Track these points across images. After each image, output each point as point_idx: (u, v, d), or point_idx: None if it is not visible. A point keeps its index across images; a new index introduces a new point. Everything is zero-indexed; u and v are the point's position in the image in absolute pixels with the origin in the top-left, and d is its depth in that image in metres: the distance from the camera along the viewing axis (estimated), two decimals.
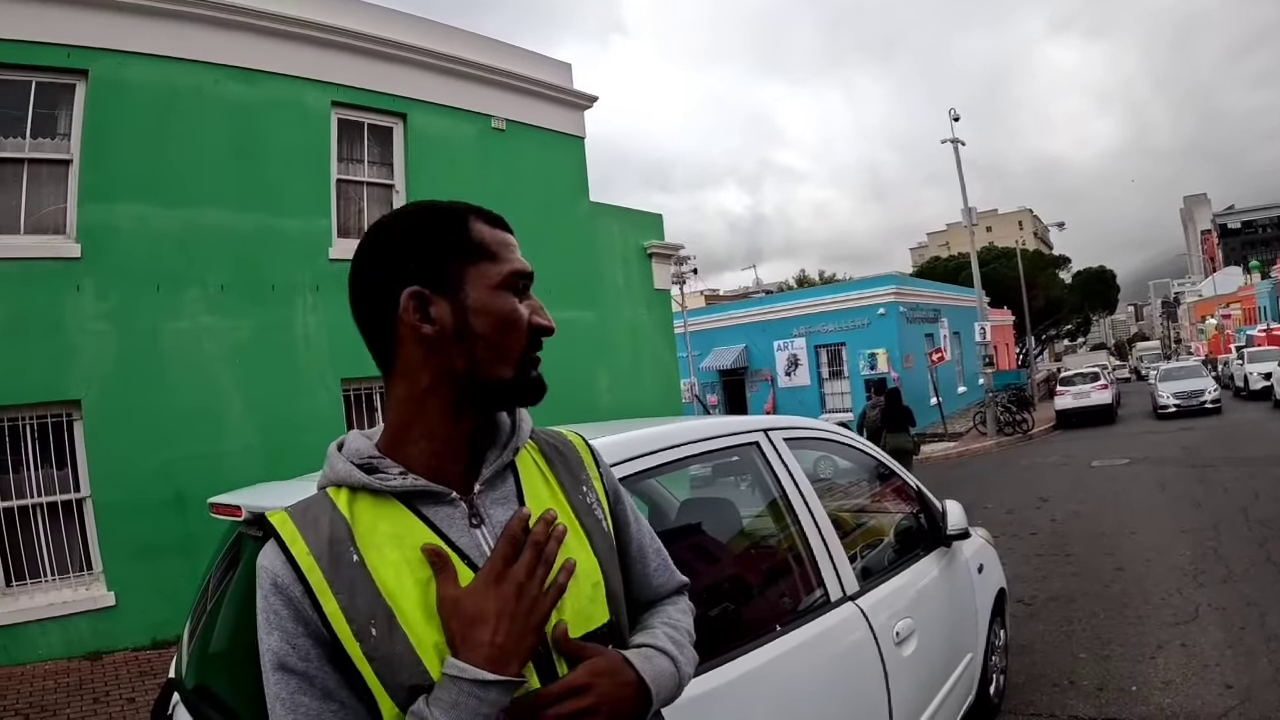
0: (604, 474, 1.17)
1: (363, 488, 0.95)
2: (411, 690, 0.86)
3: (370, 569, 0.90)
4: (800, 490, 2.47)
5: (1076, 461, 13.89)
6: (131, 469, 7.10)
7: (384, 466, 0.97)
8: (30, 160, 7.09)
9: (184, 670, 2.19)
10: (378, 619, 0.88)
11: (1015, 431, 20.22)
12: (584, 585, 0.99)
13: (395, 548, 0.91)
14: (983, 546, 3.88)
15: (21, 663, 6.46)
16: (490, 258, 1.00)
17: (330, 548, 0.91)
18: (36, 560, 6.84)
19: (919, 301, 26.63)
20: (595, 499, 1.11)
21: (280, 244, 8.21)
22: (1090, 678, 4.21)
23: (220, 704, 1.89)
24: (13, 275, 6.80)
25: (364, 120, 9.27)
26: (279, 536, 0.92)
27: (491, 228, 1.03)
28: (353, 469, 0.96)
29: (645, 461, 2.03)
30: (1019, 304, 33.93)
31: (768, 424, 2.60)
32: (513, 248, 1.04)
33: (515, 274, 1.01)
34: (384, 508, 0.94)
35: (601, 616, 1.00)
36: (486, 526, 0.97)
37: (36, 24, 6.95)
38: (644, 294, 12.29)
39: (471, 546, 0.95)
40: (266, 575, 0.90)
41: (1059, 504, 9.72)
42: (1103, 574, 6.26)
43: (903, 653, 2.52)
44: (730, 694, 1.88)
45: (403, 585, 0.89)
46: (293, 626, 0.88)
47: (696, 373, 26.05)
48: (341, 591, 0.88)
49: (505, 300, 0.99)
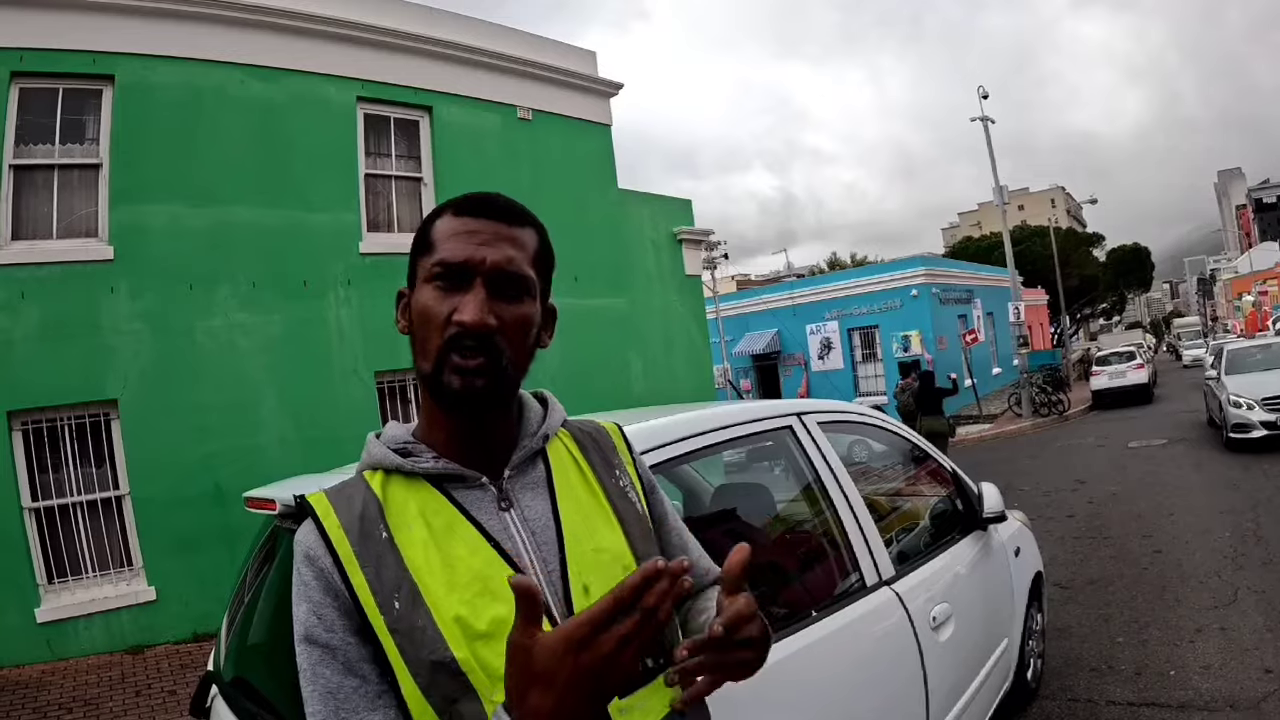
0: (637, 461, 1.17)
1: (396, 470, 0.98)
2: (433, 666, 0.87)
3: (399, 545, 0.92)
4: (834, 474, 2.44)
5: (1113, 442, 13.68)
6: (169, 465, 7.22)
7: (417, 451, 1.00)
8: (61, 166, 7.21)
9: (222, 663, 2.22)
10: (402, 593, 0.90)
11: (1051, 412, 19.93)
12: (614, 569, 0.98)
13: (423, 526, 0.94)
14: (1019, 529, 3.82)
15: (65, 657, 6.61)
16: (428, 250, 0.98)
17: (361, 523, 0.94)
18: (78, 557, 6.99)
19: (951, 282, 26.29)
20: (629, 483, 1.11)
21: (310, 240, 8.27)
22: (1128, 662, 4.16)
23: (257, 695, 1.92)
24: (48, 279, 6.92)
25: (390, 114, 9.30)
26: (314, 513, 0.96)
27: (456, 216, 0.99)
28: (388, 452, 0.99)
29: (679, 447, 2.04)
30: (1053, 283, 33.40)
31: (800, 408, 2.57)
32: (457, 237, 0.96)
33: (437, 264, 0.96)
34: (415, 489, 0.97)
35: None
36: (515, 510, 0.99)
37: (61, 32, 7.05)
38: (675, 280, 12.24)
39: (499, 529, 0.96)
40: (300, 548, 0.94)
41: (1096, 485, 9.59)
42: (1140, 557, 6.17)
43: (939, 638, 2.49)
44: (765, 680, 1.86)
45: (429, 561, 0.91)
46: (320, 597, 0.90)
47: (729, 358, 25.92)
48: (369, 565, 0.91)
49: (424, 293, 0.97)
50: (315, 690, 0.88)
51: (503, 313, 0.95)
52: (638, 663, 0.75)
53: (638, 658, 0.74)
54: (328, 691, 0.88)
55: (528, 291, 0.99)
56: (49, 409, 6.91)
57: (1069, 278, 37.41)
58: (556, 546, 0.97)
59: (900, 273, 24.65)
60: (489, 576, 0.91)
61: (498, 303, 0.95)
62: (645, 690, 0.96)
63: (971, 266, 31.10)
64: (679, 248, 12.37)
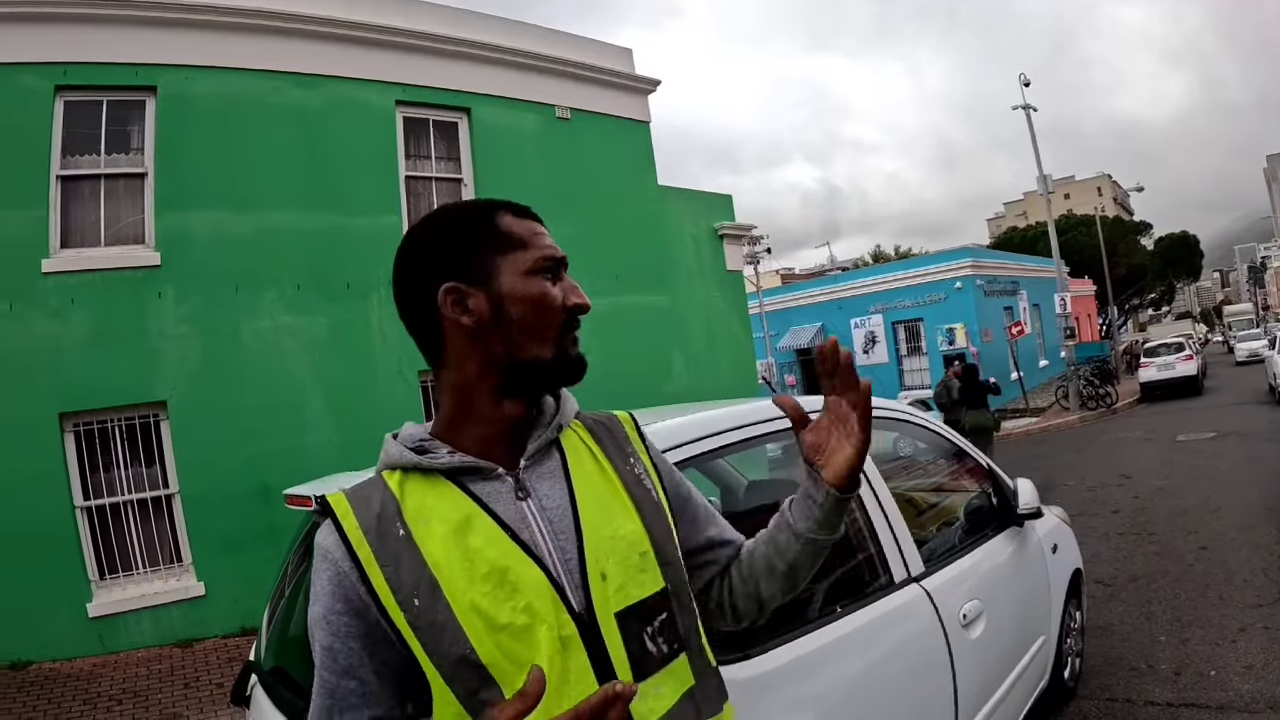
0: (650, 448, 1.19)
1: (413, 468, 1.01)
2: (458, 662, 0.91)
3: (417, 541, 0.95)
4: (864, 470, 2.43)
5: (1160, 436, 13.38)
6: (217, 465, 7.39)
7: (433, 448, 1.03)
8: (107, 176, 7.43)
9: (262, 653, 2.29)
10: (421, 589, 0.92)
11: (1098, 405, 19.52)
12: (631, 555, 1.01)
13: (441, 521, 0.96)
14: (1057, 526, 3.77)
15: (115, 650, 6.82)
16: (520, 246, 1.04)
17: (379, 523, 0.96)
18: (129, 554, 7.20)
19: (997, 274, 25.89)
20: (643, 470, 1.13)
21: (353, 242, 8.37)
22: (1169, 661, 4.08)
23: (295, 684, 1.99)
24: (98, 285, 7.14)
25: (428, 117, 9.40)
26: (334, 515, 0.99)
27: (520, 218, 1.07)
28: (404, 451, 1.02)
29: (712, 442, 2.07)
30: (1100, 273, 32.69)
31: None
32: (542, 235, 1.07)
33: (545, 259, 1.04)
34: (433, 485, 0.99)
35: (654, 584, 1.02)
36: (532, 499, 1.01)
37: (104, 46, 7.27)
38: (716, 276, 12.21)
39: (516, 518, 0.98)
40: (320, 549, 0.98)
41: (1142, 480, 9.39)
42: (1185, 553, 6.03)
43: (969, 635, 2.48)
44: (789, 675, 1.88)
45: (448, 555, 0.94)
46: (329, 602, 0.95)
47: (774, 353, 25.78)
48: (388, 564, 0.94)
49: (537, 284, 1.03)
50: (319, 685, 0.96)
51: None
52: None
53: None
54: (327, 689, 0.95)
55: None
56: (99, 411, 7.12)
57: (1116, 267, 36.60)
58: (574, 534, 0.99)
59: (944, 265, 24.37)
60: (507, 567, 0.94)
61: None
62: (659, 675, 0.98)
63: (1017, 257, 30.58)
64: (720, 243, 12.35)
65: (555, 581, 0.95)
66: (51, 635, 6.62)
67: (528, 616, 0.92)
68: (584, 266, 10.32)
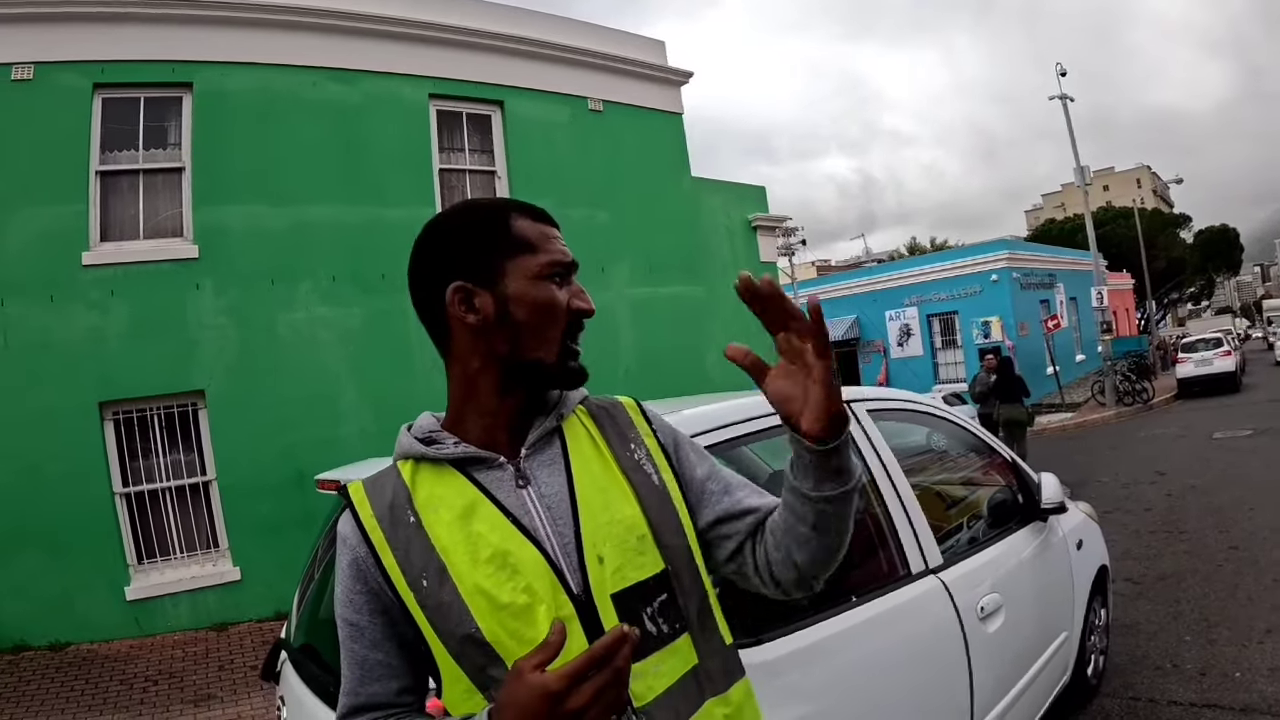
0: (656, 429, 1.20)
1: (423, 458, 1.06)
2: (463, 640, 0.97)
3: (426, 528, 1.01)
4: (882, 461, 2.45)
5: (1196, 433, 13.15)
6: (254, 453, 7.55)
7: (441, 439, 1.08)
8: (145, 171, 7.61)
9: (293, 632, 2.37)
10: (429, 572, 0.99)
11: (1135, 401, 19.19)
12: (628, 538, 1.04)
13: (448, 508, 1.02)
14: (1083, 522, 3.74)
15: (152, 633, 7.00)
16: (529, 250, 1.07)
17: (391, 511, 1.03)
18: (166, 539, 7.39)
19: (1033, 266, 25.44)
20: (645, 454, 1.15)
21: (387, 235, 8.40)
22: (1194, 661, 4.03)
23: (323, 661, 2.07)
24: (137, 278, 7.32)
25: (462, 110, 9.48)
26: (352, 503, 1.06)
27: (534, 222, 1.09)
28: (414, 442, 1.08)
29: (729, 432, 2.11)
30: (1138, 266, 32.07)
31: (849, 395, 2.58)
32: (553, 239, 1.10)
33: (552, 264, 1.07)
34: (441, 474, 1.05)
35: (653, 566, 1.05)
36: (533, 486, 1.05)
37: (141, 44, 7.45)
38: (750, 267, 11.87)
39: (517, 505, 1.03)
40: (340, 536, 1.05)
41: (1176, 478, 9.25)
42: (1216, 553, 5.95)
43: (987, 629, 2.49)
44: (799, 662, 1.90)
45: (454, 540, 1.00)
46: (350, 583, 1.03)
47: None
48: (399, 548, 1.01)
49: (543, 289, 1.06)
50: (347, 659, 1.04)
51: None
52: (608, 713, 0.83)
53: (607, 710, 0.83)
54: (356, 661, 1.03)
55: None
56: (139, 400, 7.31)
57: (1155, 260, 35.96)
58: (571, 519, 1.03)
59: (980, 257, 24.05)
60: (508, 550, 0.99)
61: None
62: (661, 653, 1.02)
63: (1054, 250, 30.04)
64: (753, 234, 12.33)
65: (553, 564, 1.00)
66: (90, 618, 6.82)
67: (528, 596, 0.97)
68: (618, 258, 10.52)
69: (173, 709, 5.28)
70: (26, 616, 6.63)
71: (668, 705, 1.01)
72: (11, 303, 6.89)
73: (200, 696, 5.49)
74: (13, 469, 6.75)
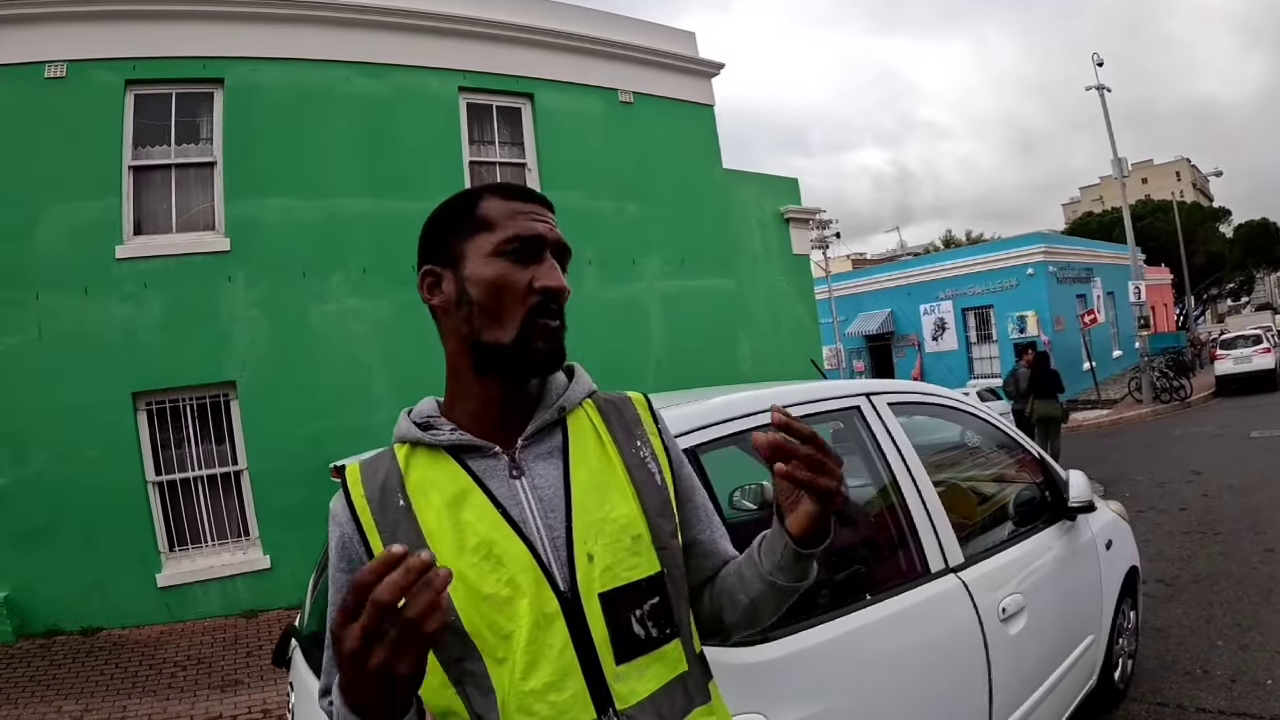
0: (663, 432, 1.17)
1: (418, 442, 1.06)
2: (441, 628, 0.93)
3: (415, 511, 1.00)
4: (902, 456, 2.41)
5: (1234, 431, 12.84)
6: (285, 442, 7.64)
7: (438, 424, 1.07)
8: (177, 165, 7.72)
9: (305, 620, 2.39)
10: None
11: (1173, 399, 18.80)
12: (622, 538, 1.01)
13: (439, 493, 1.01)
14: (1113, 521, 3.65)
15: (182, 620, 7.13)
16: (488, 228, 1.04)
17: (382, 493, 1.02)
18: (198, 527, 7.52)
19: (1070, 260, 25.11)
20: (650, 453, 1.12)
21: (418, 227, 8.23)
22: (1225, 667, 3.92)
23: None
24: (170, 271, 7.43)
25: (492, 103, 9.50)
26: (345, 482, 1.06)
27: (504, 200, 1.07)
28: (411, 427, 1.07)
29: (745, 423, 2.06)
30: (1177, 261, 31.40)
31: (870, 388, 2.55)
32: (521, 216, 1.05)
33: (508, 240, 1.03)
34: (435, 460, 1.04)
35: (647, 568, 1.02)
36: (526, 478, 1.03)
37: (173, 41, 7.55)
38: (782, 260, 12.11)
39: (508, 496, 1.01)
40: (331, 513, 1.06)
41: (1212, 477, 9.04)
42: (1251, 555, 5.79)
43: (1008, 630, 2.43)
44: (809, 659, 1.87)
45: (441, 526, 0.98)
46: (336, 559, 1.03)
47: (842, 338, 25.47)
48: (386, 530, 1.00)
49: (495, 266, 1.03)
50: (329, 636, 0.99)
51: (565, 282, 1.05)
52: (401, 650, 0.72)
53: (400, 646, 0.71)
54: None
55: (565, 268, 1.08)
56: (172, 390, 7.43)
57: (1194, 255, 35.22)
58: (564, 513, 1.01)
59: (1016, 250, 23.76)
60: (493, 541, 0.97)
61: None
62: (645, 658, 1.00)
63: (1091, 244, 29.50)
64: (786, 227, 12.24)
65: (540, 558, 0.98)
66: (121, 604, 6.96)
67: (510, 589, 0.95)
68: (649, 251, 10.51)
69: (200, 694, 5.36)
70: (59, 602, 6.77)
71: (651, 710, 0.99)
72: (46, 295, 7.02)
73: (228, 682, 5.56)
74: (47, 458, 6.89)
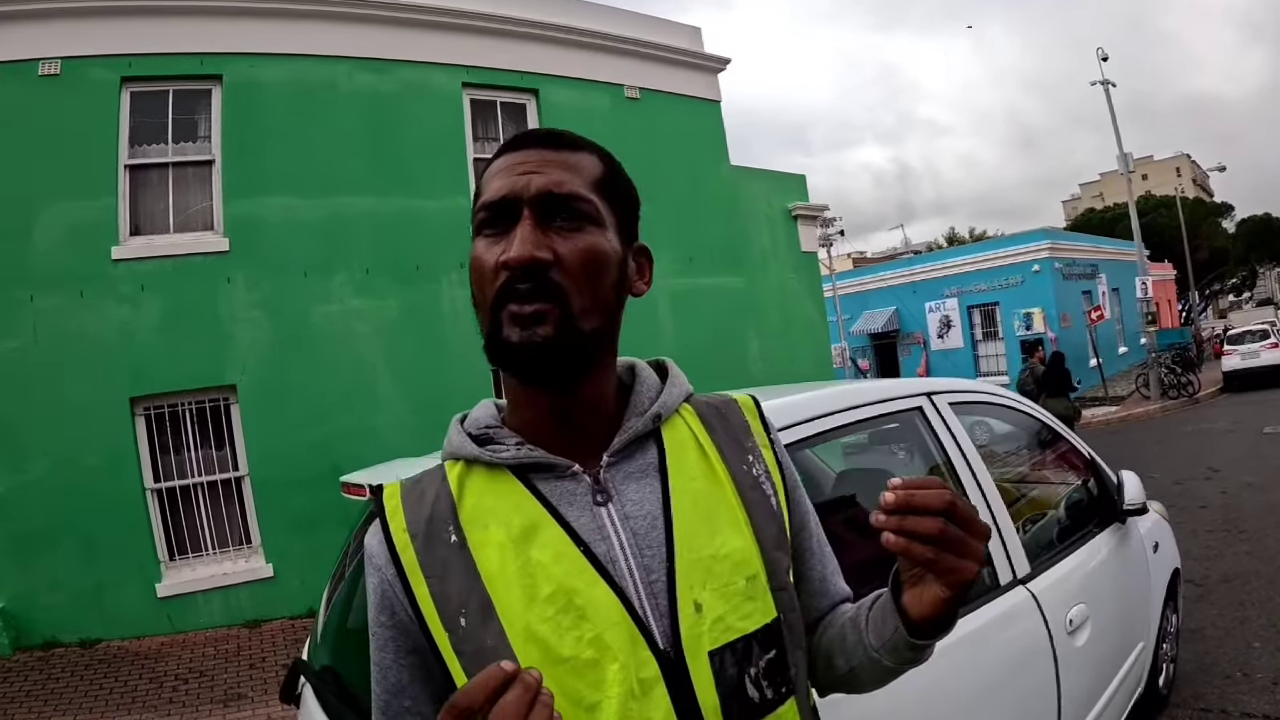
0: (775, 444, 0.97)
1: (475, 460, 0.85)
2: None
3: (471, 549, 0.80)
4: (967, 460, 2.25)
5: (1246, 427, 12.70)
6: (287, 447, 7.46)
7: (500, 437, 0.86)
8: (174, 164, 7.53)
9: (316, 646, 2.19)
10: (469, 607, 0.78)
11: (1180, 395, 18.70)
12: (735, 580, 0.82)
13: (501, 526, 0.81)
14: (1157, 522, 3.50)
15: (184, 630, 6.93)
16: (476, 199, 0.85)
17: (428, 525, 0.82)
18: (198, 535, 7.33)
19: (1075, 256, 24.93)
20: (764, 470, 0.91)
21: (422, 225, 8.35)
22: (1265, 670, 3.79)
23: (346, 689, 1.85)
24: (168, 272, 7.25)
25: (496, 99, 9.34)
26: (384, 511, 0.86)
27: (501, 155, 0.86)
28: (466, 441, 0.87)
29: (810, 428, 1.89)
30: (1180, 256, 31.33)
31: (931, 387, 2.40)
32: (499, 175, 0.83)
33: (478, 211, 0.83)
34: (496, 482, 0.84)
35: (764, 615, 0.83)
36: (614, 504, 0.83)
37: (169, 36, 7.36)
38: (791, 257, 11.97)
39: (591, 528, 0.81)
40: (366, 552, 0.85)
41: (1230, 474, 8.90)
42: (1278, 554, 5.67)
43: (1075, 642, 2.27)
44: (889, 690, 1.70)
45: (505, 569, 0.78)
46: (376, 613, 0.83)
47: (847, 337, 25.38)
48: (434, 574, 0.80)
49: (475, 247, 0.83)
50: (374, 701, 0.85)
51: (559, 245, 0.79)
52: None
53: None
54: (380, 707, 0.84)
55: (590, 219, 0.82)
56: (170, 394, 7.24)
57: (1197, 251, 35.13)
58: (664, 550, 0.81)
59: (1021, 247, 23.62)
60: (574, 589, 0.78)
61: (552, 234, 0.79)
62: None
63: (1095, 240, 29.41)
64: (794, 224, 12.09)
65: (633, 609, 0.78)
66: (121, 614, 6.77)
67: (595, 650, 0.76)
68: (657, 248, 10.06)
69: (202, 709, 5.19)
70: (57, 613, 6.59)
71: None
72: (42, 298, 6.83)
73: (230, 696, 5.39)
74: (44, 465, 6.72)
